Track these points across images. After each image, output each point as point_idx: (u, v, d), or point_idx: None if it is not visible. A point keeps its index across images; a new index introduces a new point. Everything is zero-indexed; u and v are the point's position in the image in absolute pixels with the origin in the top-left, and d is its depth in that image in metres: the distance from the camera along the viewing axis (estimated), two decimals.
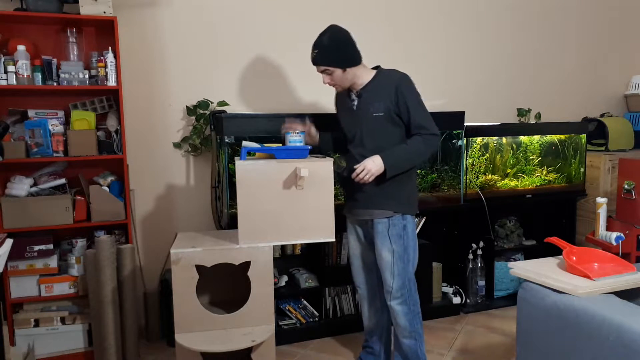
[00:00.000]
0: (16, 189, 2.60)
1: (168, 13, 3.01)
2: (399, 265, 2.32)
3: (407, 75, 2.29)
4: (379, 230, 2.33)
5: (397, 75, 2.29)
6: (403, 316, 2.36)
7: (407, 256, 2.33)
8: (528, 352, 2.02)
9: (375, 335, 2.60)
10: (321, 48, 2.24)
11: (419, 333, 2.40)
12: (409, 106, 2.24)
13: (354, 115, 2.35)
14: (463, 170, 3.30)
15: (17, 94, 2.73)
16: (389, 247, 2.32)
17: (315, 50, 2.26)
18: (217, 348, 2.13)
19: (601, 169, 3.69)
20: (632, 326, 1.60)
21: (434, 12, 3.62)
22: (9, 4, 2.62)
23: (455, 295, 3.41)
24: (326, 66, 2.26)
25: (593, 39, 4.18)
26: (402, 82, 2.26)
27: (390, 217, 2.31)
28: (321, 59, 2.25)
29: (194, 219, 3.14)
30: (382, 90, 2.27)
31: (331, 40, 2.25)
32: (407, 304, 2.35)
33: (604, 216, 2.93)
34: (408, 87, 2.26)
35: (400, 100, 2.24)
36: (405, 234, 2.32)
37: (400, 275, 2.33)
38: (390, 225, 2.31)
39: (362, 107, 2.32)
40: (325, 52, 2.24)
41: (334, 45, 2.25)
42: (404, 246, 2.32)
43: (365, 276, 2.54)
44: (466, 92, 3.76)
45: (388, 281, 2.35)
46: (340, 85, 2.32)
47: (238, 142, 2.62)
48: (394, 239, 2.31)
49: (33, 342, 2.66)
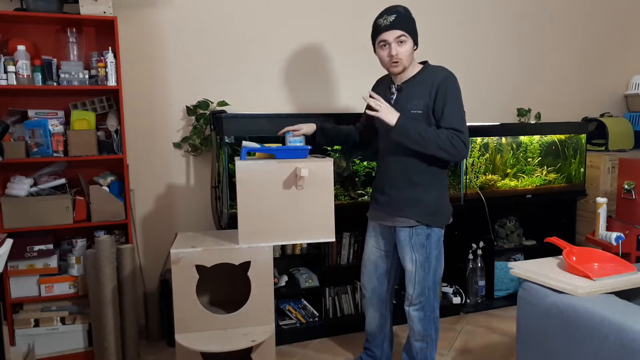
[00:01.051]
0: (16, 189, 2.60)
1: (168, 13, 3.01)
2: (419, 274, 2.26)
3: (454, 75, 2.19)
4: (401, 239, 2.27)
5: (443, 73, 2.18)
6: (418, 321, 2.32)
7: (429, 265, 2.26)
8: (528, 352, 2.02)
9: (377, 340, 2.56)
10: (399, 15, 2.12)
11: (432, 338, 2.34)
12: (446, 104, 2.12)
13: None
14: (463, 170, 3.30)
15: (17, 94, 2.73)
16: (411, 257, 2.26)
17: (392, 15, 2.12)
18: (217, 348, 2.13)
19: (601, 169, 3.69)
20: (632, 326, 1.60)
21: (434, 12, 3.62)
22: (9, 4, 2.62)
23: (455, 295, 3.41)
24: (405, 31, 2.12)
25: (593, 39, 4.18)
26: (446, 80, 2.15)
27: (413, 226, 2.23)
28: (399, 24, 2.11)
29: (194, 219, 3.14)
30: (424, 86, 2.17)
31: (408, 12, 2.17)
32: (424, 310, 2.30)
33: (604, 216, 2.93)
34: (451, 86, 2.15)
35: (439, 97, 2.13)
36: (428, 244, 2.23)
37: (420, 283, 2.27)
38: (413, 234, 2.23)
39: (400, 103, 2.21)
40: (404, 19, 2.13)
41: (410, 17, 2.17)
42: (425, 255, 2.24)
43: (375, 284, 2.47)
44: (466, 92, 3.72)
45: (408, 289, 2.30)
46: (404, 63, 2.16)
47: (238, 142, 2.62)
48: (416, 248, 2.24)
49: (33, 342, 2.66)
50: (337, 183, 3.03)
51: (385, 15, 2.15)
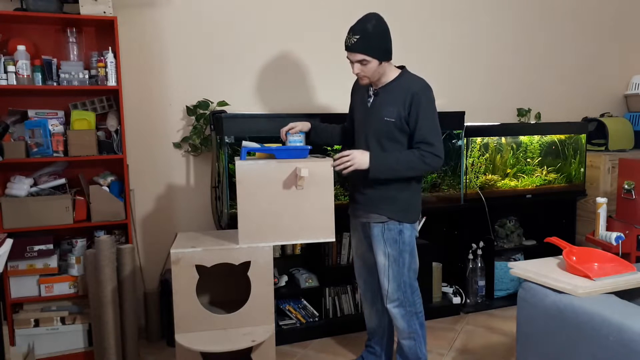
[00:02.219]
0: (16, 189, 2.60)
1: (168, 13, 3.01)
2: (393, 269, 2.31)
3: (429, 86, 2.20)
4: (375, 234, 2.33)
5: (419, 84, 2.20)
6: (400, 318, 2.36)
7: (403, 260, 2.31)
8: (528, 352, 2.02)
9: (377, 336, 2.60)
10: (364, 35, 2.09)
11: (418, 334, 2.38)
12: (419, 117, 2.15)
13: (366, 112, 2.30)
14: (463, 170, 3.30)
15: (17, 94, 2.73)
16: (384, 251, 2.31)
17: (355, 35, 2.10)
18: (217, 348, 2.13)
19: (601, 169, 3.69)
20: (632, 326, 1.60)
21: (434, 12, 3.62)
22: (9, 4, 2.62)
23: (455, 295, 3.41)
24: (366, 55, 2.11)
25: (593, 39, 4.18)
26: (421, 91, 2.16)
27: (385, 222, 2.29)
28: (361, 47, 2.10)
29: (194, 219, 3.14)
30: (399, 94, 2.19)
31: (376, 29, 2.11)
32: (404, 306, 2.34)
33: (604, 216, 2.93)
34: (426, 98, 2.16)
35: (413, 108, 2.15)
36: (401, 239, 2.29)
37: (395, 278, 2.32)
38: (385, 229, 2.30)
39: (376, 108, 2.26)
40: (368, 40, 2.10)
41: (378, 34, 2.12)
42: (399, 250, 2.30)
43: (366, 277, 2.53)
44: (466, 92, 3.75)
45: (384, 284, 2.35)
46: (370, 78, 2.20)
47: (238, 142, 2.62)
48: (389, 243, 2.30)
49: (33, 342, 2.66)
50: (337, 183, 3.03)
51: (351, 33, 2.14)
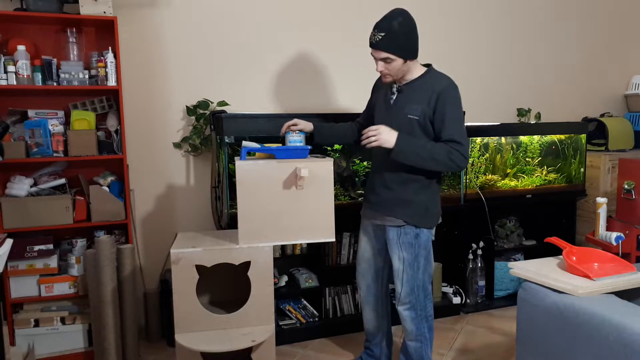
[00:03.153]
0: (16, 189, 2.60)
1: (168, 13, 3.01)
2: (408, 273, 2.28)
3: (455, 85, 2.16)
4: (390, 238, 2.30)
5: (445, 81, 2.16)
6: (410, 321, 2.33)
7: (417, 264, 2.27)
8: (528, 352, 2.02)
9: (376, 338, 2.58)
10: (389, 32, 2.04)
11: (426, 337, 2.36)
12: (446, 115, 2.10)
13: (389, 109, 2.25)
14: (463, 170, 3.30)
15: (17, 94, 2.73)
16: (399, 255, 2.28)
17: (381, 33, 2.05)
18: (217, 348, 2.13)
19: (601, 169, 3.69)
20: (632, 326, 1.60)
21: (433, 12, 3.62)
22: (9, 4, 2.62)
23: (455, 295, 3.41)
24: (390, 54, 2.06)
25: (593, 39, 4.18)
26: (446, 90, 2.12)
27: (402, 226, 2.25)
28: (387, 45, 2.05)
29: (194, 219, 3.14)
30: (424, 92, 2.15)
31: (402, 26, 2.06)
32: (415, 309, 2.31)
33: (604, 216, 2.93)
34: (452, 96, 2.12)
35: (438, 107, 2.10)
36: (417, 243, 2.25)
37: (408, 282, 2.29)
38: (401, 233, 2.26)
39: (399, 105, 2.21)
40: (394, 38, 2.05)
41: (404, 32, 2.07)
42: (414, 254, 2.26)
43: (370, 281, 2.49)
44: (466, 92, 3.72)
45: (397, 287, 2.32)
46: (393, 76, 2.15)
47: (238, 142, 2.62)
48: (405, 247, 2.26)
49: (33, 342, 2.66)
50: (337, 183, 3.03)
51: (376, 30, 2.09)
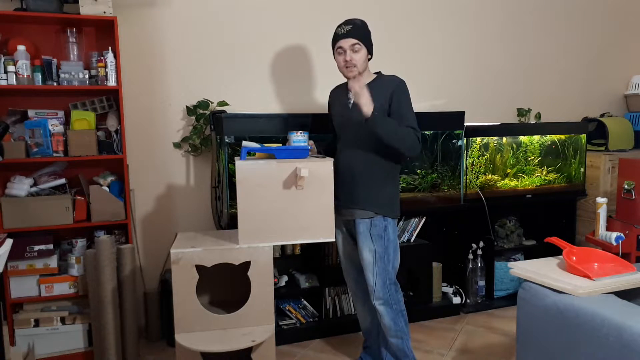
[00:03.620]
0: (16, 189, 2.60)
1: (168, 13, 3.01)
2: (379, 266, 2.35)
3: (404, 82, 2.37)
4: (361, 231, 2.36)
5: (396, 79, 2.37)
6: (386, 316, 2.39)
7: (388, 256, 2.36)
8: (528, 352, 2.02)
9: (373, 333, 2.61)
10: (356, 25, 2.34)
11: (404, 331, 2.43)
12: (402, 107, 2.31)
13: (349, 111, 2.39)
14: (463, 170, 3.30)
15: (17, 94, 2.73)
16: (370, 247, 2.35)
17: (348, 25, 2.33)
18: (217, 348, 2.13)
19: (601, 169, 3.69)
20: (632, 326, 1.60)
21: (434, 12, 3.62)
22: (9, 4, 2.62)
23: (455, 295, 3.41)
24: (359, 40, 2.31)
25: (593, 39, 4.18)
26: (399, 85, 2.34)
27: (371, 217, 2.34)
28: (355, 33, 2.32)
29: (194, 219, 3.14)
30: (380, 90, 2.31)
31: (363, 23, 2.37)
32: (389, 304, 2.38)
33: (604, 216, 2.93)
34: (405, 91, 2.34)
35: (394, 101, 2.30)
36: (386, 235, 2.35)
37: (381, 275, 2.35)
38: (371, 225, 2.34)
39: (357, 106, 2.30)
40: (360, 30, 2.33)
41: (365, 27, 2.37)
42: (384, 246, 2.34)
43: (355, 276, 2.55)
44: (466, 92, 3.76)
45: (370, 281, 2.38)
46: (358, 68, 2.34)
47: (238, 142, 2.62)
48: (375, 239, 2.34)
49: (33, 342, 2.66)
50: None
51: (343, 25, 2.36)
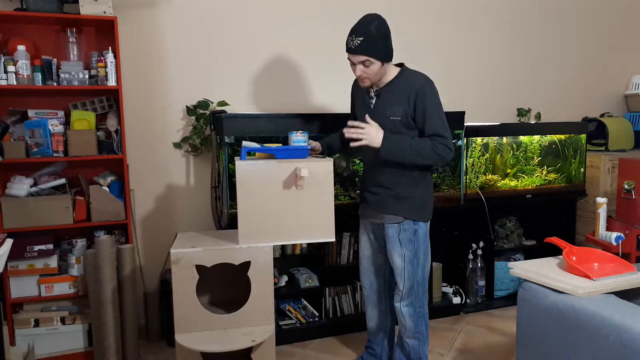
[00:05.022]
0: (16, 189, 2.60)
1: (168, 13, 3.01)
2: (408, 269, 2.31)
3: (431, 80, 2.20)
4: (390, 235, 2.32)
5: (420, 79, 2.19)
6: (409, 317, 2.36)
7: (417, 260, 2.31)
8: (528, 352, 2.02)
9: (378, 337, 2.60)
10: (368, 36, 2.07)
11: (423, 334, 2.40)
12: (426, 111, 2.15)
13: (371, 113, 2.25)
14: (463, 170, 3.30)
15: (17, 94, 2.73)
16: (399, 252, 2.31)
17: (359, 37, 2.08)
18: (217, 348, 2.13)
19: (601, 169, 3.69)
20: (632, 326, 1.60)
21: (434, 12, 3.62)
22: (9, 4, 2.62)
23: (455, 295, 3.41)
24: (369, 57, 2.09)
25: (593, 39, 4.18)
26: (424, 86, 2.16)
27: (401, 222, 2.29)
28: (365, 49, 2.08)
29: (194, 219, 3.14)
30: (402, 92, 2.18)
31: (379, 30, 2.10)
32: (414, 306, 2.35)
33: (604, 216, 2.93)
34: (430, 92, 2.16)
35: (418, 104, 2.15)
36: (416, 239, 2.29)
37: (409, 278, 2.32)
38: (401, 230, 2.29)
39: (379, 108, 2.25)
40: (372, 41, 2.08)
41: (381, 35, 2.11)
42: (414, 250, 2.30)
43: (372, 278, 2.52)
44: (466, 92, 3.75)
45: (399, 284, 2.35)
46: (372, 79, 2.18)
47: (238, 142, 2.62)
48: (405, 244, 2.29)
49: (33, 342, 2.66)
50: (337, 183, 3.03)
51: (354, 35, 2.12)
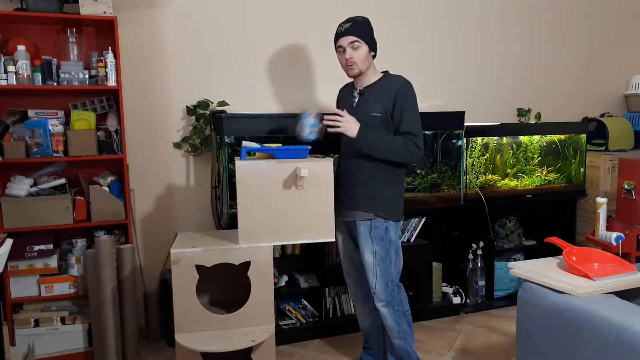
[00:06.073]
0: (16, 189, 2.60)
1: (168, 13, 3.01)
2: (380, 267, 2.34)
3: (410, 83, 2.33)
4: (361, 232, 2.35)
5: (402, 81, 2.33)
6: (389, 317, 2.38)
7: (389, 258, 2.34)
8: (528, 352, 2.02)
9: (372, 335, 2.61)
10: (355, 22, 2.29)
11: (407, 332, 2.42)
12: (404, 110, 2.26)
13: (353, 112, 2.36)
14: (463, 170, 3.30)
15: (17, 94, 2.73)
16: (371, 249, 2.34)
17: (347, 23, 2.29)
18: (217, 348, 2.13)
19: (601, 169, 3.69)
20: (632, 326, 1.60)
21: (434, 12, 3.62)
22: (9, 4, 2.62)
23: (455, 295, 3.41)
24: (358, 37, 2.26)
25: (593, 39, 4.18)
26: (405, 87, 2.29)
27: (372, 219, 2.33)
28: (354, 31, 2.27)
29: (194, 219, 3.14)
30: (384, 91, 2.30)
31: (365, 21, 2.33)
32: (392, 305, 2.37)
33: (604, 216, 2.94)
34: (409, 93, 2.29)
35: (398, 102, 2.27)
36: (387, 236, 2.33)
37: (382, 276, 2.34)
38: (372, 227, 2.33)
39: (362, 105, 2.35)
40: (360, 26, 2.29)
41: (368, 25, 2.32)
42: (385, 248, 2.33)
43: (356, 277, 2.54)
44: (466, 92, 3.75)
45: (371, 283, 2.37)
46: (359, 67, 2.30)
47: (238, 142, 2.62)
48: (376, 241, 2.32)
49: (33, 342, 2.66)
50: None
51: (343, 23, 2.32)
